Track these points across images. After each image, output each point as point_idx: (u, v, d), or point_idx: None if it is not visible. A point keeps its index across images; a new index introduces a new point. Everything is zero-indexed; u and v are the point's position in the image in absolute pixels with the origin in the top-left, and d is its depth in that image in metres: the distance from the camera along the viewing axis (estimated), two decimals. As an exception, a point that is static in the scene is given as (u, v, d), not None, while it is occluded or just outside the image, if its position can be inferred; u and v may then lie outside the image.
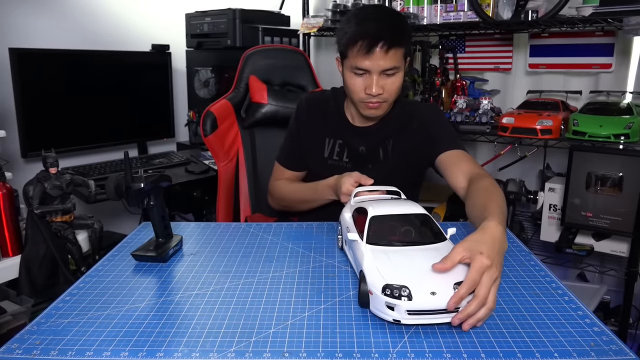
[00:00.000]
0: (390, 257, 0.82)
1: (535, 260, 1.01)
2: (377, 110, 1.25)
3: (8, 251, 1.47)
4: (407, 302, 0.73)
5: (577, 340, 0.73)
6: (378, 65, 1.17)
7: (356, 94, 1.24)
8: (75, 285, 0.92)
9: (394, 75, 1.21)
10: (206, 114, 1.56)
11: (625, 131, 1.64)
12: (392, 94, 1.23)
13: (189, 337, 0.75)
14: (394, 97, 1.26)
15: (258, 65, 1.69)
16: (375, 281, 0.77)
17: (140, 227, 1.25)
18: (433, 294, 0.74)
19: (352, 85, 1.23)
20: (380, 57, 1.16)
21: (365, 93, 1.21)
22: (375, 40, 1.15)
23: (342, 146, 1.36)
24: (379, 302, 0.76)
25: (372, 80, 1.19)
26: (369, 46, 1.15)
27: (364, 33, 1.16)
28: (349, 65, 1.22)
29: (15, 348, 0.72)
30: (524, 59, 2.23)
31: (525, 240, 2.08)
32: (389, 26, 1.17)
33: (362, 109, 1.27)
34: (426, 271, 0.78)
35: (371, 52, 1.16)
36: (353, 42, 1.17)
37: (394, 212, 0.91)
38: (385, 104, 1.25)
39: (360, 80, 1.21)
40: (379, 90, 1.19)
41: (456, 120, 2.01)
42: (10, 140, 1.87)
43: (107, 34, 2.29)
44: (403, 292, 0.74)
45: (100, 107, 2.18)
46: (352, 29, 1.18)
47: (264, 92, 1.65)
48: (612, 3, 1.63)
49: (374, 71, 1.18)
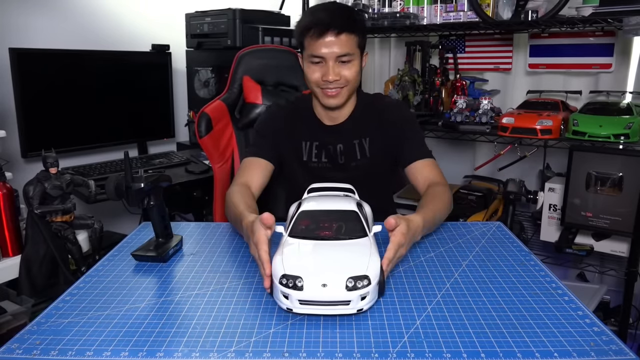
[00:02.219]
0: (301, 249, 0.86)
1: (535, 260, 1.01)
2: (336, 98, 1.29)
3: (8, 251, 1.46)
4: (299, 292, 0.78)
5: (577, 340, 0.73)
6: (332, 52, 1.23)
7: (314, 82, 1.29)
8: (75, 285, 0.92)
9: (350, 63, 1.26)
10: (201, 115, 1.56)
11: (625, 131, 1.64)
12: (350, 80, 1.28)
13: (189, 337, 0.75)
14: (352, 85, 1.31)
15: (251, 66, 1.69)
16: (277, 270, 0.81)
17: (140, 227, 1.25)
18: (324, 285, 0.77)
19: (310, 74, 1.29)
20: (333, 42, 1.22)
21: (322, 80, 1.26)
22: (326, 25, 1.22)
23: (319, 147, 1.39)
24: (277, 291, 0.81)
25: (328, 67, 1.25)
26: (320, 32, 1.22)
27: (316, 20, 1.23)
28: (306, 56, 1.28)
29: (15, 348, 0.72)
30: (524, 59, 2.23)
31: (525, 240, 2.08)
32: (339, 13, 1.25)
33: (322, 98, 1.31)
34: (326, 264, 0.82)
35: (323, 37, 1.22)
36: (306, 30, 1.24)
37: (325, 207, 0.96)
38: (343, 89, 1.29)
39: (317, 68, 1.27)
40: (335, 76, 1.25)
41: (456, 120, 2.01)
42: (10, 140, 1.86)
43: (107, 34, 2.29)
44: (298, 283, 0.78)
45: (100, 107, 2.18)
46: (306, 19, 1.26)
47: (258, 92, 1.65)
48: (612, 3, 1.63)
49: (329, 58, 1.24)
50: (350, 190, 1.11)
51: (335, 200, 1.00)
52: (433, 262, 1.01)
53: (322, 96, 1.31)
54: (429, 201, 1.18)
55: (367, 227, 0.92)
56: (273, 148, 1.39)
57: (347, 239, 0.89)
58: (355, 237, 0.90)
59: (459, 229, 1.19)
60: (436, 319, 0.79)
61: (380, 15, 2.16)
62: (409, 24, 2.08)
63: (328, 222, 0.93)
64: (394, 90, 2.23)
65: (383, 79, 2.56)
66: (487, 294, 0.87)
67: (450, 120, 2.03)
